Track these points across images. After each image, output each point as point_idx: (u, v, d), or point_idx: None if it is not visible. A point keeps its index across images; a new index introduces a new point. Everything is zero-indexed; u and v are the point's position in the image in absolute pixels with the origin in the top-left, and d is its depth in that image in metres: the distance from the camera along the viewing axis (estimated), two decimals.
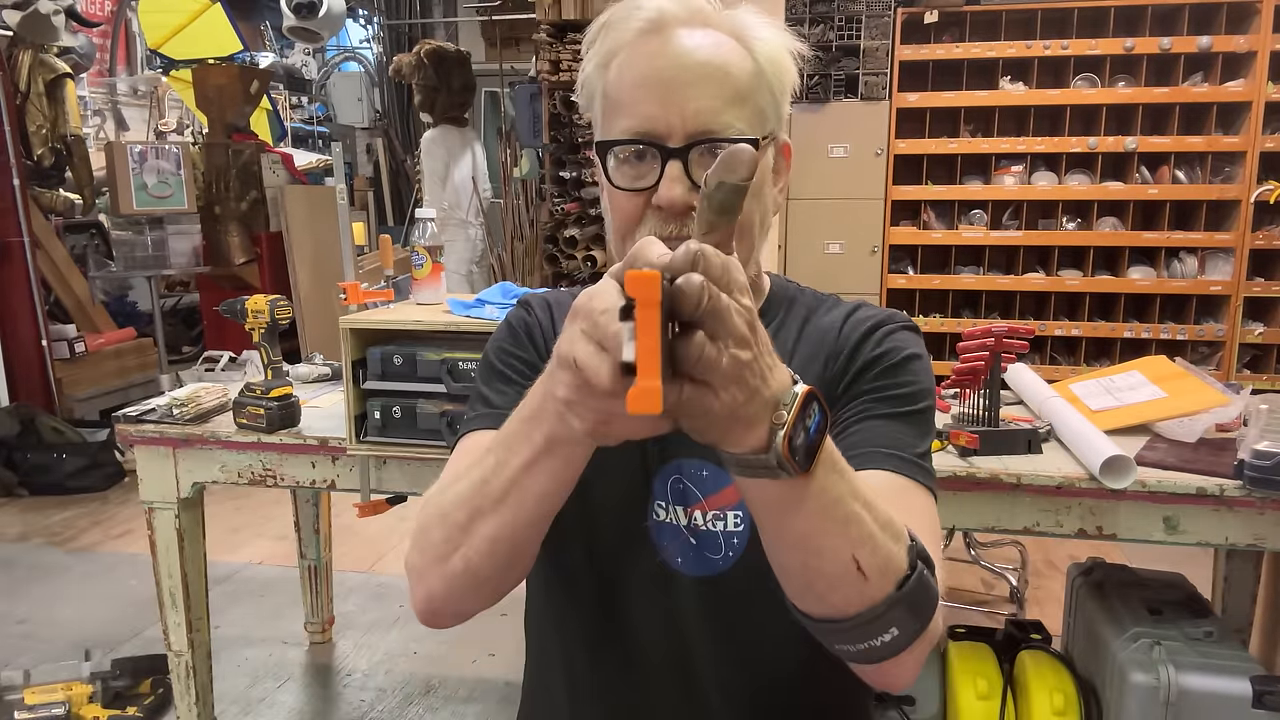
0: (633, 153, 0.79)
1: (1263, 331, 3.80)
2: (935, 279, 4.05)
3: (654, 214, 0.79)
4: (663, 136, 0.77)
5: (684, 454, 0.85)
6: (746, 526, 0.83)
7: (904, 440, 0.81)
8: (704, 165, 0.76)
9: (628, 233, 0.81)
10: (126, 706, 2.07)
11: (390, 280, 2.02)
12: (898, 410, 0.82)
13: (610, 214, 0.84)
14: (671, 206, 0.77)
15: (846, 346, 0.85)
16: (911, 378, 0.84)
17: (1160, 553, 1.66)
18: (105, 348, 4.56)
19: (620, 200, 0.81)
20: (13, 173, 4.05)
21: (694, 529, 0.85)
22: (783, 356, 0.76)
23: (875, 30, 3.91)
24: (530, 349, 0.90)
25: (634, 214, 0.80)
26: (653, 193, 0.78)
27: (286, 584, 2.78)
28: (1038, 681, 1.56)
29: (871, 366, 0.84)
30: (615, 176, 0.80)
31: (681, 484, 0.85)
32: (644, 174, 0.79)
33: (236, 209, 4.83)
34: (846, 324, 0.87)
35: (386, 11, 7.50)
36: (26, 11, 3.97)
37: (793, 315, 0.91)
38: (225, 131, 4.85)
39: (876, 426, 0.81)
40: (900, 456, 0.79)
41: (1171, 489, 1.37)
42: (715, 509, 0.84)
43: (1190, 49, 3.64)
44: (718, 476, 0.84)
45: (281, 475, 1.73)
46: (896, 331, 0.86)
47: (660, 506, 0.86)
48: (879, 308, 0.90)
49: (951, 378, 1.56)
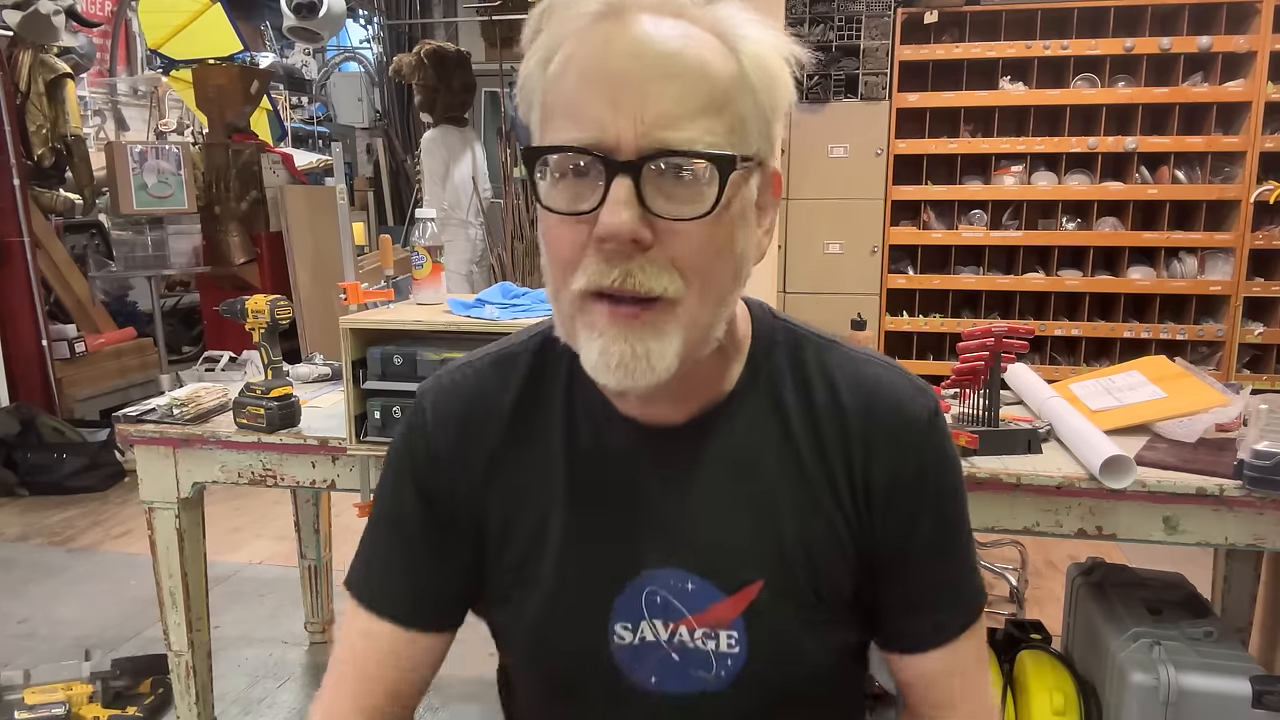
0: (571, 167, 0.61)
1: (1262, 331, 3.80)
2: (935, 279, 4.05)
3: (593, 256, 0.61)
4: (610, 147, 0.59)
5: (659, 563, 0.72)
6: (743, 649, 0.71)
7: (952, 584, 0.75)
8: (660, 188, 0.60)
9: (565, 276, 0.63)
10: (126, 706, 2.07)
11: (390, 280, 2.02)
12: (944, 542, 0.74)
13: (546, 251, 0.65)
14: (615, 238, 0.59)
15: (872, 459, 0.71)
16: (958, 500, 0.75)
17: (1160, 553, 1.66)
18: (105, 348, 4.56)
19: (557, 231, 0.63)
20: (13, 173, 4.05)
21: (677, 645, 0.72)
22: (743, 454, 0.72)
23: (875, 30, 3.91)
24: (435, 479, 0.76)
25: (575, 247, 0.62)
26: (593, 221, 0.60)
27: (286, 584, 2.78)
28: (1038, 681, 1.56)
29: (910, 494, 0.71)
30: (549, 197, 0.62)
31: (660, 596, 0.72)
32: (585, 194, 0.61)
33: (236, 209, 4.82)
34: (867, 418, 0.71)
35: (386, 11, 7.49)
36: (26, 11, 3.97)
37: (768, 387, 0.73)
38: (225, 131, 4.85)
39: (921, 575, 0.74)
40: (951, 622, 0.75)
41: (1171, 489, 1.37)
42: (704, 626, 0.71)
43: (1190, 49, 3.64)
44: (705, 592, 0.71)
45: (281, 475, 1.73)
46: (932, 435, 0.72)
47: (625, 628, 0.72)
48: (895, 380, 0.73)
49: (951, 378, 1.56)
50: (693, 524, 0.72)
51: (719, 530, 0.71)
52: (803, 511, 0.71)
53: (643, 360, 0.61)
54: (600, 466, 0.73)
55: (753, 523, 0.71)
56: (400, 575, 0.77)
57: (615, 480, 0.73)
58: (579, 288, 0.62)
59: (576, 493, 0.73)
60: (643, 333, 0.61)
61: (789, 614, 0.71)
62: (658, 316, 0.62)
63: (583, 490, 0.73)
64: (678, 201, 0.60)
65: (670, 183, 0.60)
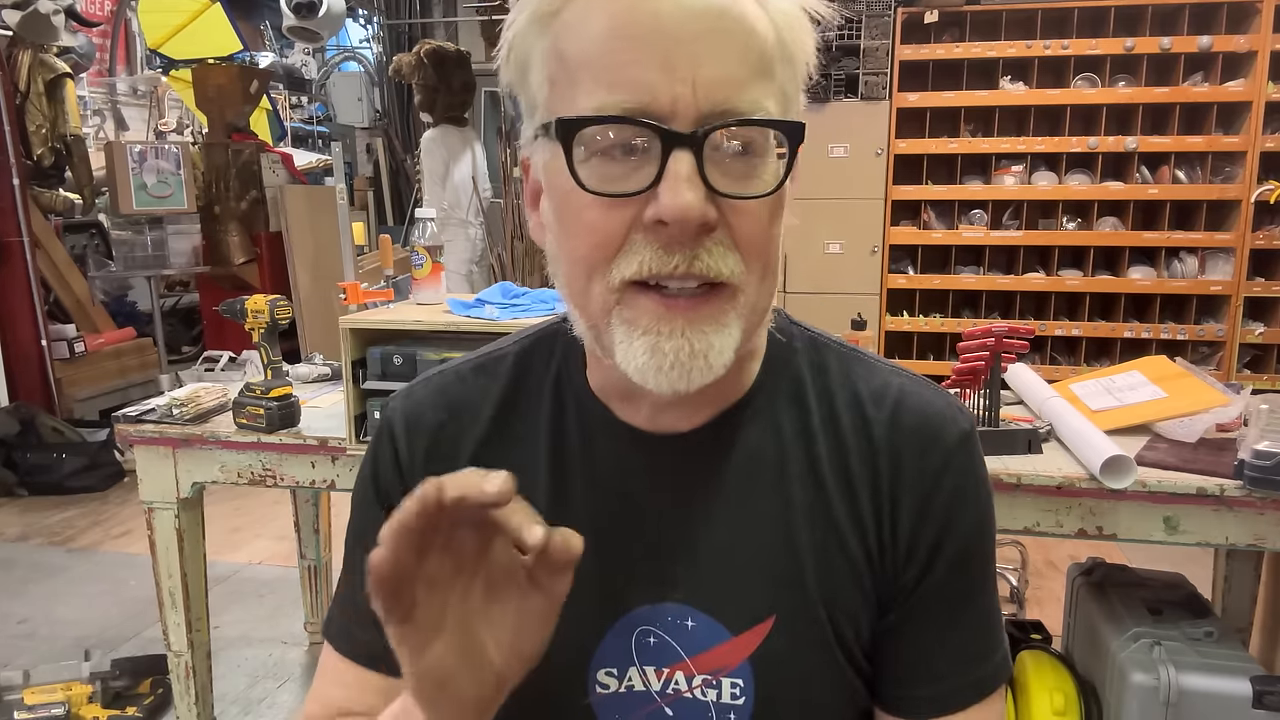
0: (617, 141, 0.52)
1: (1263, 331, 3.80)
2: (935, 279, 4.05)
3: (647, 236, 0.52)
4: (664, 115, 0.51)
5: (660, 596, 0.62)
6: (749, 700, 0.61)
7: (982, 639, 0.65)
8: (720, 163, 0.52)
9: (601, 266, 0.54)
10: (126, 706, 2.07)
11: (390, 280, 2.02)
12: (971, 596, 0.65)
13: (569, 237, 0.55)
14: (683, 223, 0.51)
15: (900, 478, 0.62)
16: (985, 540, 0.65)
17: (1160, 553, 1.66)
18: (105, 348, 4.56)
19: (592, 215, 0.53)
20: (13, 173, 4.05)
21: (671, 696, 0.62)
22: (758, 467, 0.62)
23: (875, 30, 3.91)
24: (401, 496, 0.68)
25: (614, 236, 0.53)
26: (644, 203, 0.52)
27: (286, 584, 2.78)
28: (1038, 681, 1.56)
29: (936, 522, 0.62)
30: (587, 176, 0.52)
31: (653, 637, 0.62)
32: (630, 174, 0.52)
33: (236, 209, 4.82)
34: (896, 442, 0.63)
35: (386, 11, 7.49)
36: (26, 11, 3.96)
37: (789, 393, 0.65)
38: (225, 131, 4.85)
39: (948, 635, 0.64)
40: (980, 680, 0.65)
41: (1171, 489, 1.37)
42: (705, 672, 0.62)
43: (1190, 49, 3.64)
44: (708, 630, 0.61)
45: (281, 475, 1.73)
46: (970, 469, 0.64)
47: (610, 675, 0.63)
48: (926, 394, 0.65)
49: (952, 378, 1.56)
50: (697, 549, 0.62)
51: (728, 557, 0.62)
52: (823, 536, 0.62)
53: (701, 358, 0.54)
54: (588, 483, 0.64)
55: (766, 548, 0.62)
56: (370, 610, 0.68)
57: (605, 499, 0.64)
58: (625, 277, 0.53)
59: (558, 513, 0.62)
60: (703, 326, 0.54)
61: (803, 658, 0.62)
62: (721, 305, 0.54)
63: (566, 511, 0.64)
64: (741, 178, 0.53)
65: (731, 156, 0.52)
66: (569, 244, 0.56)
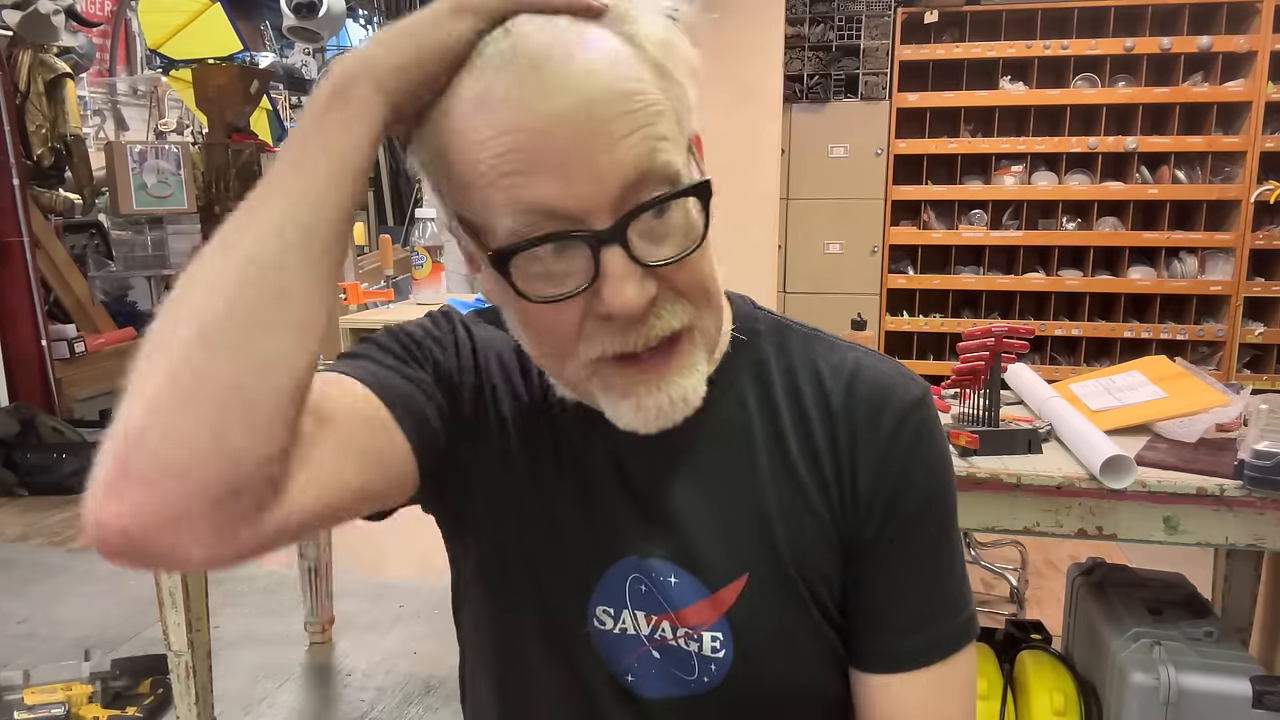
0: (546, 251, 0.55)
1: (1263, 331, 3.80)
2: (935, 279, 4.05)
3: (601, 326, 0.57)
4: (579, 217, 0.53)
5: (647, 551, 0.67)
6: (729, 653, 0.66)
7: (945, 595, 0.68)
8: (647, 236, 0.55)
9: (568, 348, 0.59)
10: (126, 706, 2.07)
11: (390, 280, 2.02)
12: (932, 551, 0.68)
13: (531, 334, 0.61)
14: (627, 313, 0.55)
15: (858, 445, 0.67)
16: (945, 498, 0.69)
17: (1160, 553, 1.66)
18: (105, 348, 4.57)
19: (545, 317, 0.57)
20: (13, 173, 4.05)
21: (659, 641, 0.67)
22: (727, 439, 0.68)
23: (875, 30, 3.91)
24: (453, 356, 0.69)
25: (571, 328, 0.57)
26: (589, 295, 0.55)
27: (286, 584, 2.78)
28: (1038, 681, 1.56)
29: (893, 484, 0.66)
30: (530, 288, 0.55)
31: (644, 585, 0.67)
32: (566, 274, 0.55)
33: (236, 209, 4.83)
34: (852, 408, 0.67)
35: (386, 11, 7.49)
36: (26, 11, 3.97)
37: (754, 372, 0.70)
38: (225, 131, 4.85)
39: (904, 591, 0.68)
40: (944, 637, 0.68)
41: (1171, 489, 1.37)
42: (688, 626, 0.66)
43: (1190, 49, 3.64)
44: (691, 588, 0.66)
45: None
46: (923, 430, 0.68)
47: (606, 613, 0.68)
48: (880, 366, 0.69)
49: (951, 378, 1.56)
50: (676, 514, 0.67)
51: (702, 519, 0.67)
52: (790, 499, 0.67)
53: (680, 403, 0.60)
54: (586, 447, 0.69)
55: (738, 511, 0.67)
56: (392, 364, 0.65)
57: (602, 463, 0.69)
58: (593, 357, 0.59)
59: (562, 463, 0.69)
60: (674, 376, 0.60)
61: (778, 614, 0.66)
62: (684, 350, 0.60)
63: (569, 462, 0.69)
64: (669, 241, 0.57)
65: (655, 225, 0.56)
66: (529, 337, 0.62)
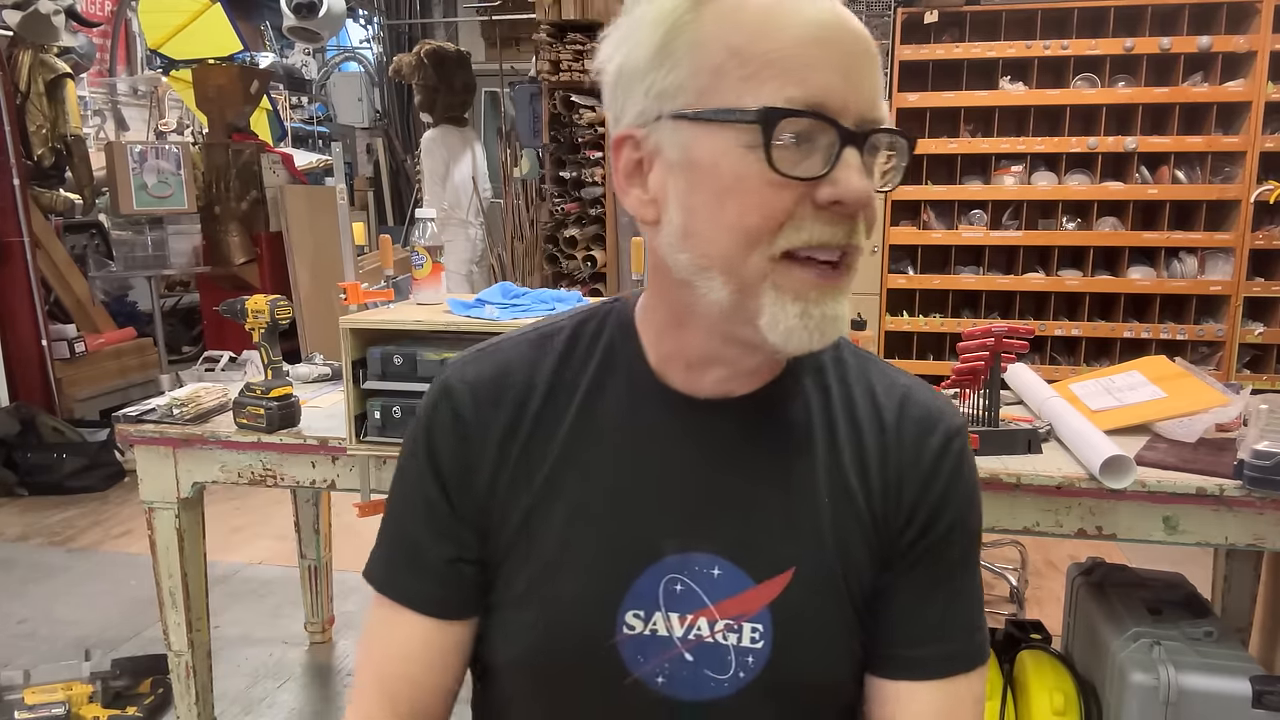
0: (803, 130, 0.59)
1: (1262, 331, 3.80)
2: (935, 279, 4.05)
3: (817, 214, 0.60)
4: (838, 114, 0.59)
5: (688, 546, 0.69)
6: (768, 644, 0.67)
7: (962, 614, 0.72)
8: (871, 161, 0.62)
9: (766, 237, 0.60)
10: (126, 706, 2.07)
11: (390, 280, 2.02)
12: (957, 570, 0.72)
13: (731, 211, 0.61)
14: (855, 203, 0.60)
15: (905, 468, 0.71)
16: (976, 525, 0.74)
17: (1160, 553, 1.66)
18: (105, 348, 4.56)
19: (767, 193, 0.60)
20: (13, 173, 4.05)
21: (693, 641, 0.68)
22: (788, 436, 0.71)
23: (875, 30, 3.91)
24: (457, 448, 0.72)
25: (784, 212, 0.60)
26: (815, 185, 0.60)
27: (286, 584, 2.78)
28: (1038, 681, 1.56)
29: (936, 517, 0.70)
30: (780, 159, 0.59)
31: (680, 585, 0.68)
32: (803, 160, 0.59)
33: (236, 209, 4.83)
34: (903, 427, 0.72)
35: (386, 11, 7.49)
36: (26, 11, 3.97)
37: (815, 375, 0.74)
38: (225, 131, 4.85)
39: (926, 604, 0.71)
40: (956, 654, 0.71)
41: (1171, 489, 1.37)
42: (728, 617, 0.68)
43: (1190, 49, 3.64)
44: (732, 578, 0.68)
45: (281, 475, 1.73)
46: (964, 457, 0.72)
47: (636, 616, 0.68)
48: (927, 396, 0.74)
49: (951, 378, 1.56)
50: (727, 504, 0.69)
51: (756, 512, 0.69)
52: (839, 502, 0.70)
53: (833, 321, 0.63)
54: (630, 438, 0.71)
55: (791, 508, 0.69)
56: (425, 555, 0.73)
57: (645, 454, 0.70)
58: (788, 246, 0.61)
59: (599, 464, 0.70)
60: (838, 295, 0.63)
61: (818, 607, 0.68)
62: (848, 276, 0.64)
63: (606, 461, 0.70)
64: (879, 173, 0.64)
65: (875, 155, 0.63)
66: (728, 217, 0.61)
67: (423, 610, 0.73)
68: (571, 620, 0.69)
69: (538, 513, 0.70)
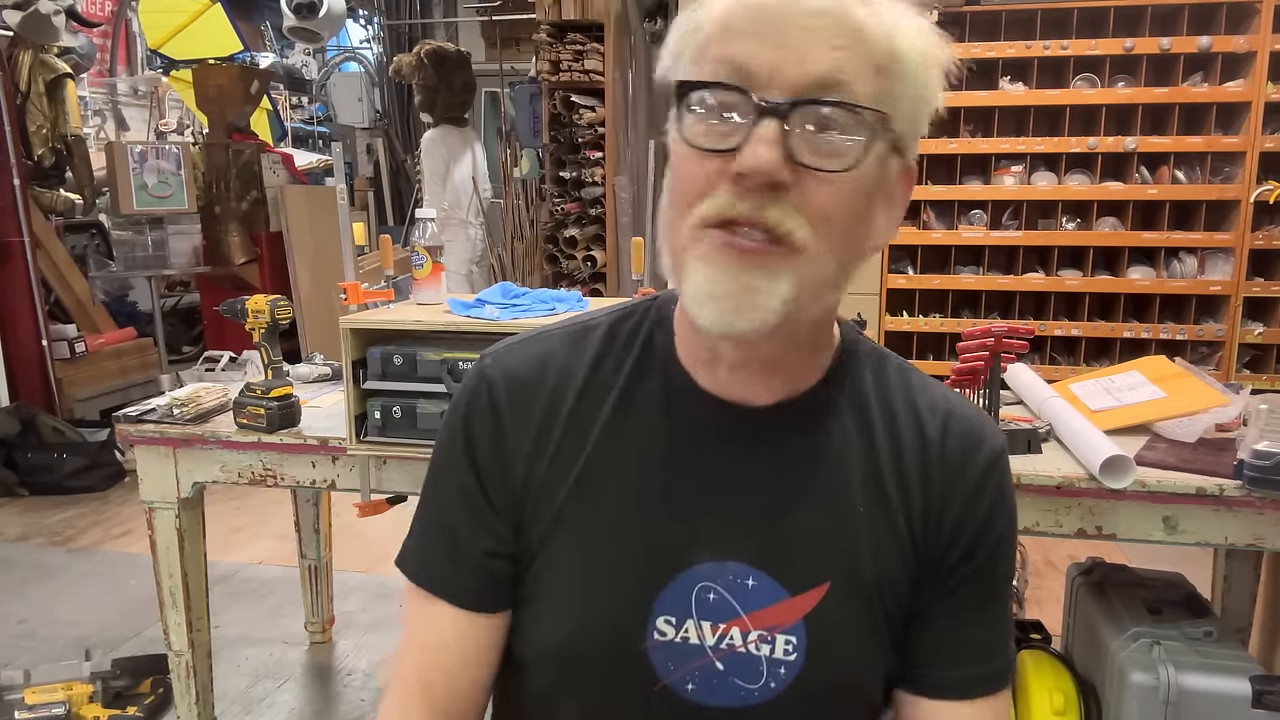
0: (717, 103, 0.59)
1: (1262, 331, 3.80)
2: (935, 279, 4.05)
3: (727, 185, 0.59)
4: (760, 84, 0.57)
5: (718, 555, 0.68)
6: (801, 656, 0.67)
7: (995, 636, 0.72)
8: (807, 138, 0.58)
9: (689, 204, 0.61)
10: (126, 706, 2.07)
11: (390, 280, 2.02)
12: (999, 590, 0.72)
13: (672, 184, 0.63)
14: (754, 174, 0.57)
15: (949, 486, 0.69)
16: (1012, 549, 0.74)
17: (1160, 553, 1.66)
18: (105, 348, 4.56)
19: (690, 165, 0.60)
20: (13, 173, 4.05)
21: (724, 651, 0.67)
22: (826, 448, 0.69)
23: None
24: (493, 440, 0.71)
25: (702, 181, 0.60)
26: (730, 158, 0.58)
27: (286, 584, 2.78)
28: (1037, 681, 1.56)
29: (981, 537, 0.70)
30: (689, 130, 0.60)
31: (713, 594, 0.67)
32: (725, 136, 0.59)
33: (236, 209, 4.83)
34: (947, 444, 0.70)
35: (386, 11, 7.50)
36: (27, 11, 3.97)
37: (854, 388, 0.72)
38: (225, 131, 4.85)
39: (968, 625, 0.71)
40: (991, 675, 0.71)
41: (1171, 489, 1.37)
42: (762, 628, 0.67)
43: (1190, 49, 3.64)
44: (767, 589, 0.67)
45: (282, 475, 1.73)
46: (1007, 476, 0.72)
47: (668, 623, 0.68)
48: (971, 414, 0.72)
49: (951, 378, 1.56)
50: (763, 514, 0.68)
51: (791, 523, 0.68)
52: (878, 518, 0.69)
53: (748, 295, 0.59)
54: (665, 440, 0.69)
55: (827, 520, 0.68)
56: (460, 546, 0.72)
57: (680, 458, 0.69)
58: (701, 213, 0.59)
59: (634, 464, 0.69)
60: (755, 271, 0.59)
61: (852, 621, 0.68)
62: (776, 261, 0.59)
63: (641, 462, 0.69)
64: (822, 154, 0.58)
65: (817, 132, 0.58)
66: (670, 191, 0.63)
67: (457, 603, 0.72)
68: (601, 624, 0.68)
69: (570, 510, 0.70)
